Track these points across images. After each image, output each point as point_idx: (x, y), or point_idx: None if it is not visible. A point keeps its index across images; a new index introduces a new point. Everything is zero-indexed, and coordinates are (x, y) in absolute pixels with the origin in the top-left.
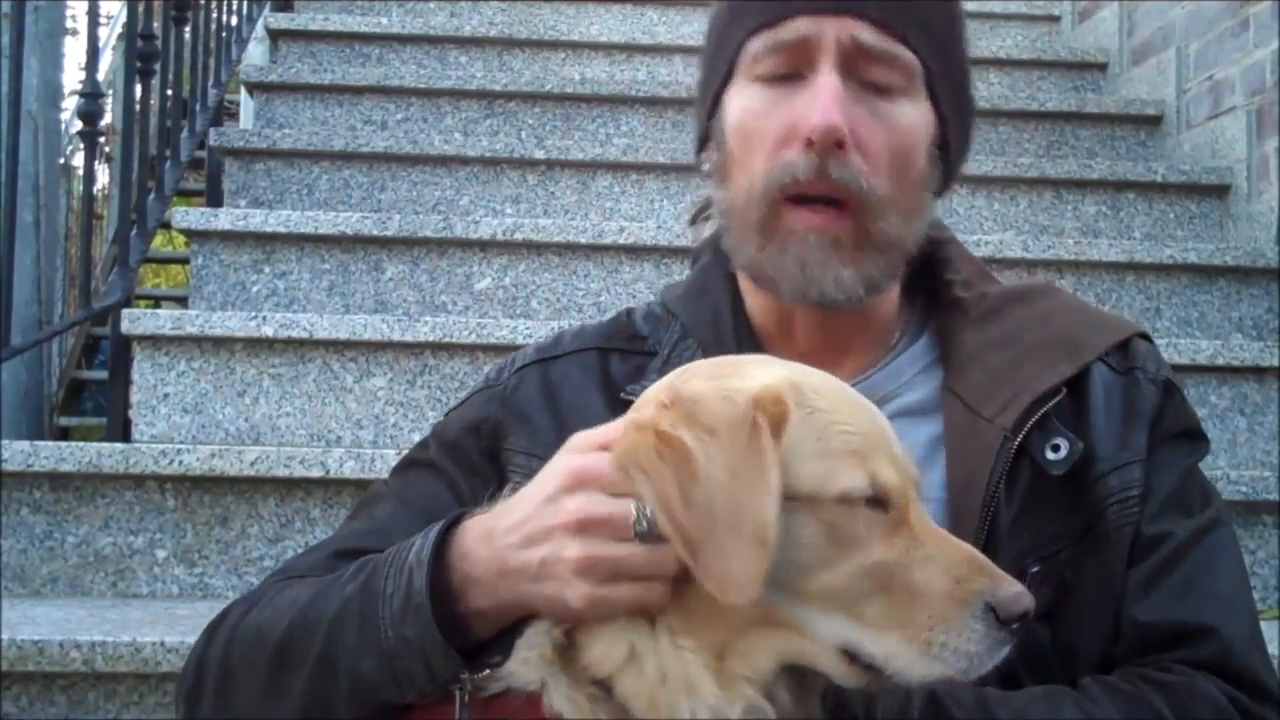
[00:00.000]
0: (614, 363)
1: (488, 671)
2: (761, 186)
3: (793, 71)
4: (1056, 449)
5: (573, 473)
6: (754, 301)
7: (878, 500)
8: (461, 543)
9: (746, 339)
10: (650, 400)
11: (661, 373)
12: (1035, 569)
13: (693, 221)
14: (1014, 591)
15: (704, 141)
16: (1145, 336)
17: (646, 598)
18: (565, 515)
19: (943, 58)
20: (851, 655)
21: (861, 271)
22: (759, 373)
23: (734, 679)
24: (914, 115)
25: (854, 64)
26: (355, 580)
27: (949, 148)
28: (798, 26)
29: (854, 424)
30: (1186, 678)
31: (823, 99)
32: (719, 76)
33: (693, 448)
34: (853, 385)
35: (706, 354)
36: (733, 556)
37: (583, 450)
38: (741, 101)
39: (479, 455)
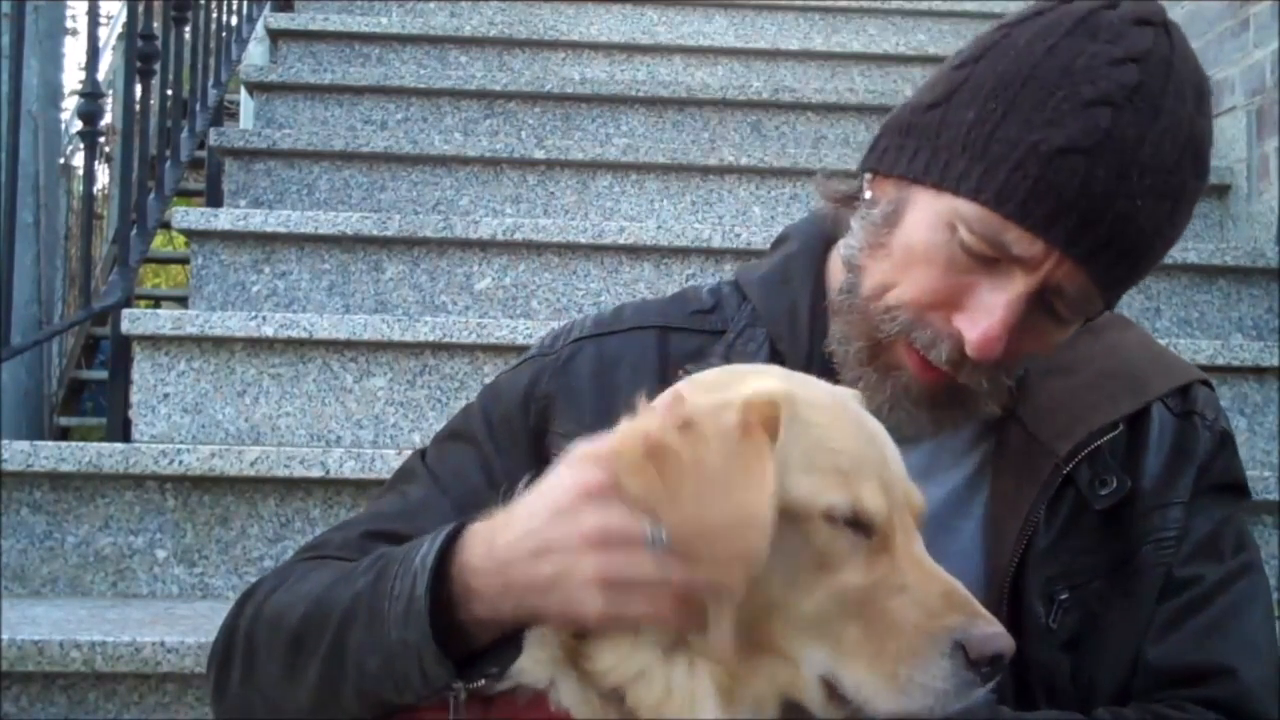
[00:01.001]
0: (674, 341)
1: (482, 681)
2: (890, 322)
3: (991, 258)
4: (1105, 484)
5: (588, 486)
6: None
7: (860, 524)
8: (464, 552)
9: (820, 340)
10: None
11: (725, 357)
12: (1064, 596)
13: (831, 199)
14: (988, 632)
15: (877, 170)
16: (1208, 384)
17: (660, 611)
18: (582, 529)
19: (1124, 289)
20: (831, 686)
21: (939, 425)
22: (757, 381)
23: (738, 702)
24: (1070, 330)
25: (1048, 293)
26: (368, 574)
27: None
28: (1027, 245)
29: (845, 443)
30: (1198, 716)
31: (998, 327)
32: (931, 175)
33: (679, 448)
34: None
35: (776, 347)
36: (726, 546)
37: (586, 462)
38: (930, 237)
39: (524, 432)
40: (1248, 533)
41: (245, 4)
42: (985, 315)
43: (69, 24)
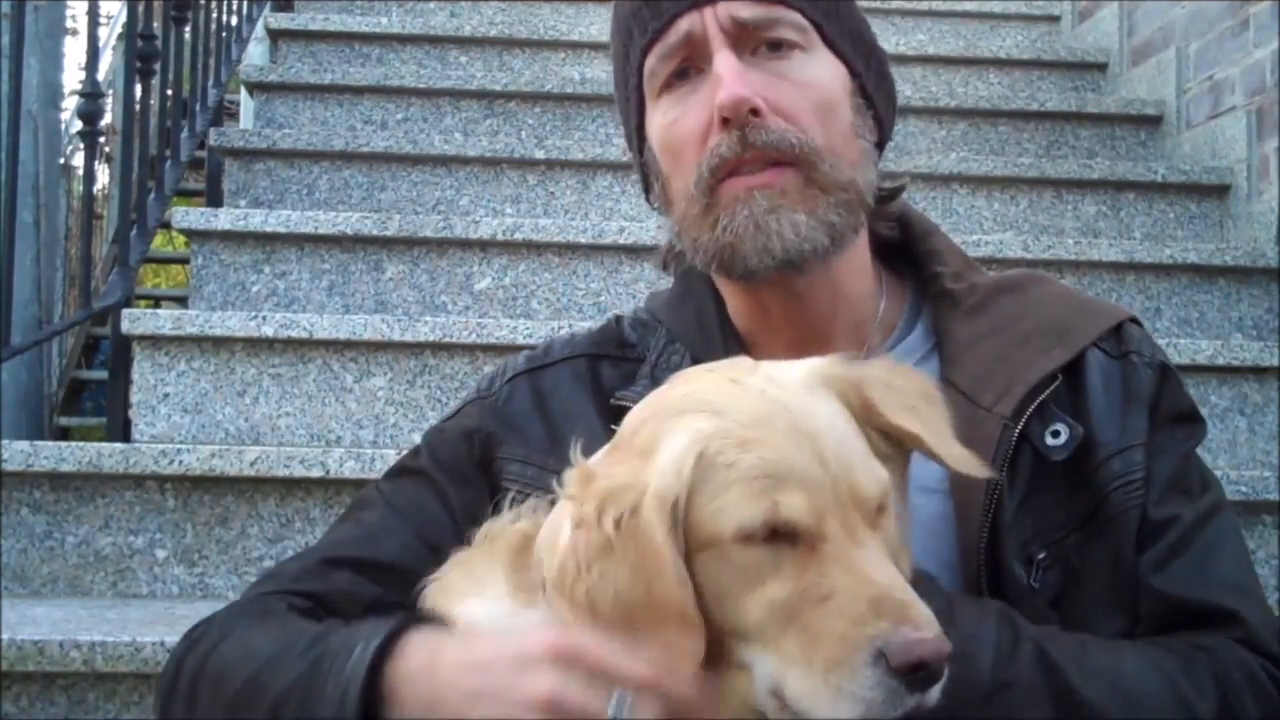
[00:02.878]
0: (604, 369)
1: None
2: (695, 179)
3: (690, 68)
4: (1056, 435)
5: (557, 648)
6: (734, 303)
7: (782, 533)
8: (401, 657)
9: (731, 340)
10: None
11: (651, 378)
12: (1042, 555)
13: (664, 268)
14: (911, 638)
15: (648, 184)
16: (1136, 321)
17: None
18: (536, 689)
19: (829, 14)
20: (779, 696)
21: (816, 215)
22: (673, 441)
23: None
24: (818, 67)
25: (743, 39)
26: (306, 659)
27: (872, 99)
28: (680, 27)
29: (761, 456)
30: (1220, 644)
31: (724, 77)
32: (635, 110)
33: (602, 579)
34: None
35: (694, 357)
36: (663, 645)
37: (554, 629)
38: (658, 119)
39: (470, 465)
40: (1207, 468)
41: (245, 4)
42: (716, 84)
43: (69, 24)
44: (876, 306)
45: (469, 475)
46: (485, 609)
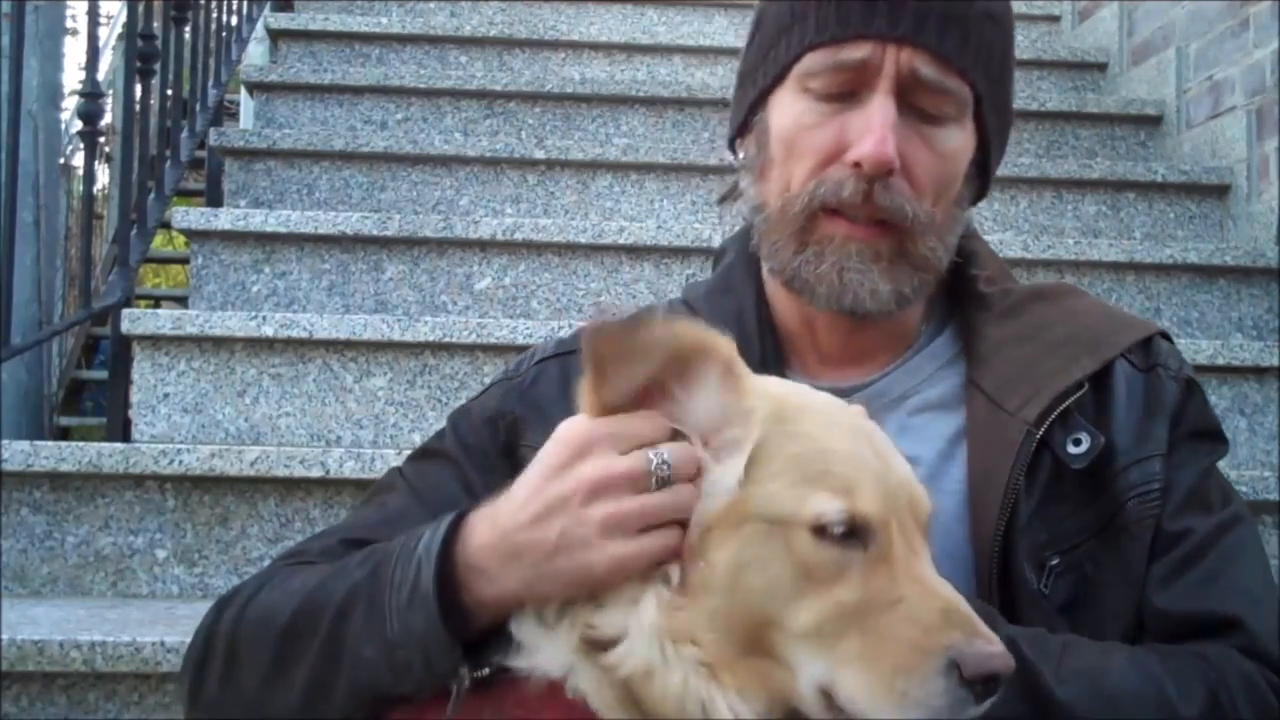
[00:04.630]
0: None
1: (485, 671)
2: (804, 198)
3: (847, 91)
4: (1078, 443)
5: (576, 442)
6: (779, 303)
7: (856, 532)
8: (467, 534)
9: (770, 339)
10: None
11: None
12: (1055, 561)
13: (721, 201)
14: (986, 651)
15: (740, 131)
16: (1166, 336)
17: (669, 544)
18: (578, 481)
19: (995, 84)
20: (829, 695)
21: (896, 286)
22: (762, 381)
23: (745, 703)
24: (960, 141)
25: (909, 92)
26: (364, 567)
27: (987, 166)
28: (859, 49)
29: (838, 448)
30: (1220, 652)
31: (877, 128)
32: (769, 77)
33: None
34: (872, 382)
35: None
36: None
37: (573, 424)
38: (793, 111)
39: (495, 450)
40: (1230, 485)
41: (245, 4)
42: (866, 129)
43: (69, 24)
44: (914, 319)
45: (493, 460)
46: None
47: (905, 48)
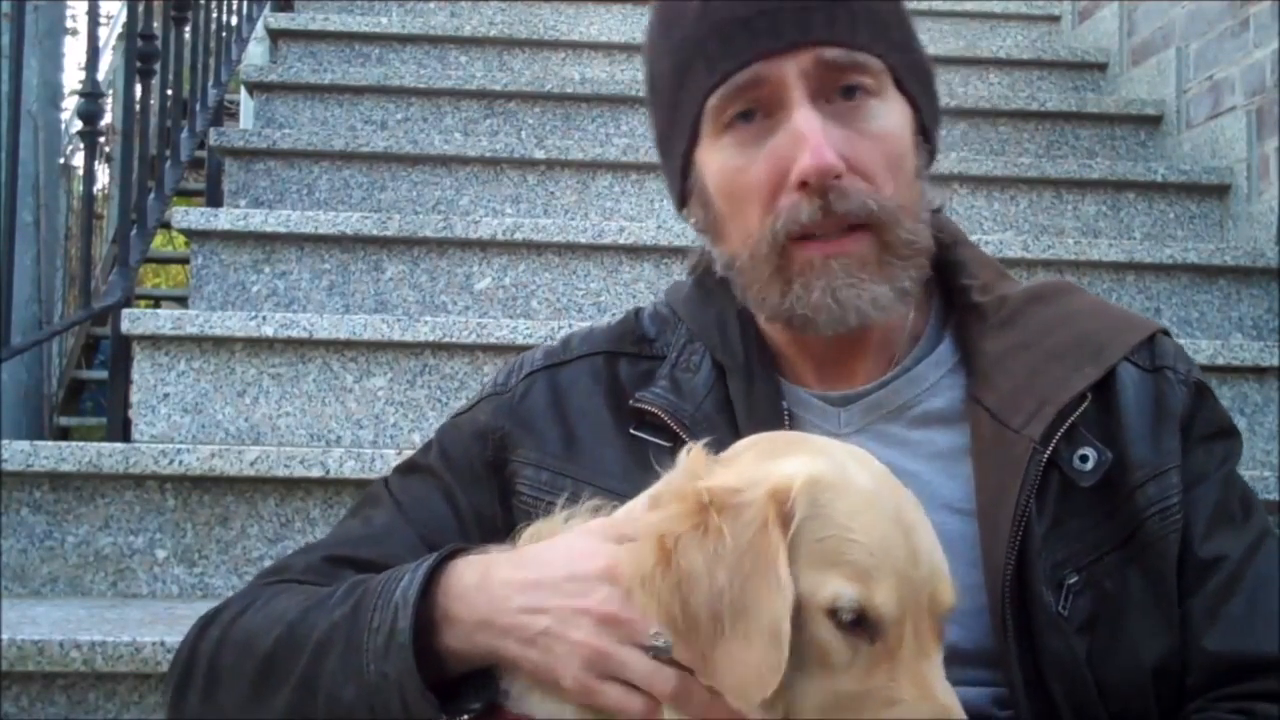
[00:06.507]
0: (622, 367)
1: (465, 718)
2: (768, 239)
3: (758, 109)
4: (1085, 459)
5: (611, 569)
6: (766, 324)
7: (866, 623)
8: (453, 581)
9: (756, 349)
10: (676, 485)
11: (670, 378)
12: (1073, 580)
13: (693, 272)
14: None
15: (683, 198)
16: (1167, 333)
17: (633, 708)
18: (592, 603)
19: (901, 49)
20: None
21: (893, 284)
22: (789, 463)
23: None
24: (892, 114)
25: (823, 85)
26: (344, 604)
27: (927, 131)
28: (756, 72)
29: (866, 535)
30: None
31: (808, 138)
32: (684, 138)
33: (692, 561)
34: (872, 391)
35: (715, 357)
36: (741, 657)
37: (609, 539)
38: (719, 161)
39: (482, 465)
40: (1247, 486)
41: (245, 4)
42: (798, 145)
43: (69, 24)
44: (905, 320)
45: (480, 475)
46: None
47: (801, 51)
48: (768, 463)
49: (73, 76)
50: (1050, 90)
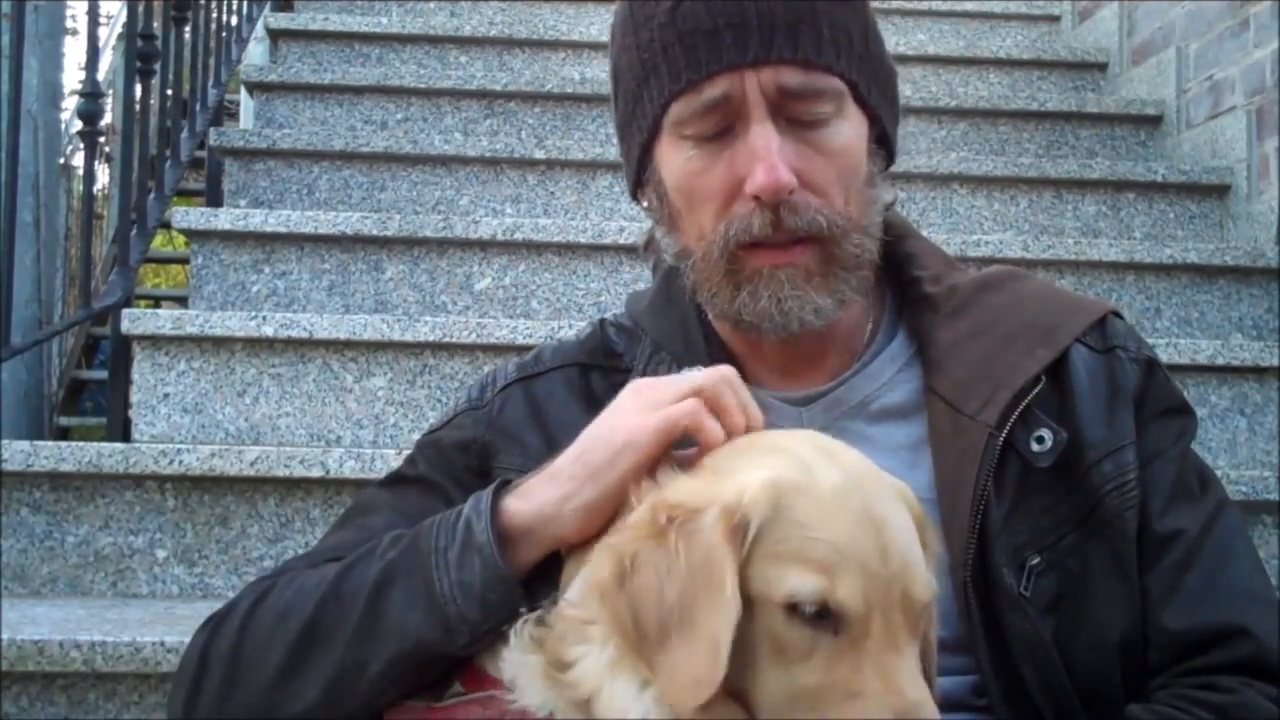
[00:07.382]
0: (595, 380)
1: (540, 611)
2: (720, 244)
3: (724, 127)
4: (1041, 441)
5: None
6: (724, 329)
7: (829, 615)
8: (514, 492)
9: (718, 352)
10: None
11: None
12: (1035, 561)
13: (645, 249)
14: None
15: (638, 185)
16: (1118, 314)
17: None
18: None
19: (865, 61)
20: None
21: (835, 296)
22: (748, 473)
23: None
24: (849, 132)
25: (782, 107)
26: (395, 548)
27: (885, 136)
28: (719, 85)
29: (831, 531)
30: (1235, 695)
31: (763, 157)
32: (644, 131)
33: (645, 579)
34: (831, 389)
35: (681, 366)
36: (683, 666)
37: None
38: (678, 161)
39: (467, 473)
40: (1204, 463)
41: (245, 4)
42: (753, 160)
43: (69, 24)
44: (864, 317)
45: (468, 484)
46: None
47: (764, 68)
48: (726, 476)
49: (73, 76)
50: (1050, 90)
